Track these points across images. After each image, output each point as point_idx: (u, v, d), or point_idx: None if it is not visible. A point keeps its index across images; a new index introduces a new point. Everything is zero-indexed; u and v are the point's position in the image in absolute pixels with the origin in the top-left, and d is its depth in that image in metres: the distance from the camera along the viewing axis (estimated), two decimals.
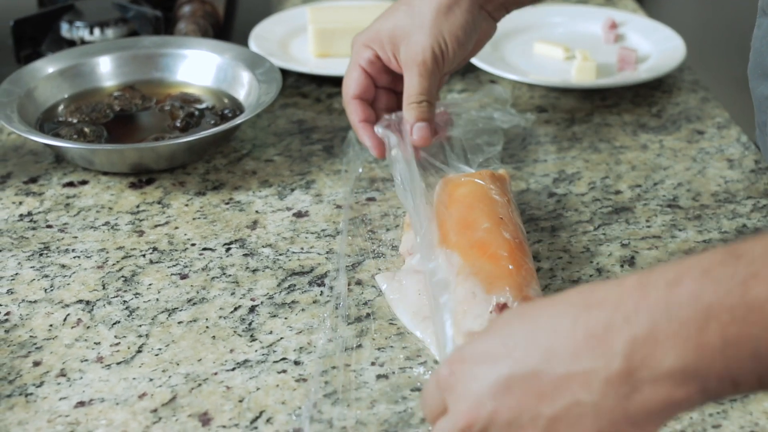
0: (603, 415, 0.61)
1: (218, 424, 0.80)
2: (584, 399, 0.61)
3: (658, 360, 0.60)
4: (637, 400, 0.60)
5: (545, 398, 0.62)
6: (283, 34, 1.41)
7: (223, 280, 0.96)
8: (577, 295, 0.64)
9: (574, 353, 0.61)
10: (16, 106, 1.15)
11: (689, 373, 0.59)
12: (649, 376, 0.60)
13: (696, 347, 0.59)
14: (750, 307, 0.59)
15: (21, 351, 0.88)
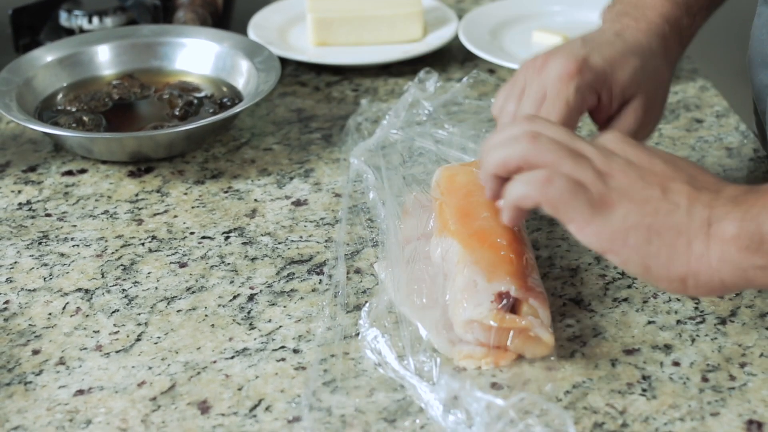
0: (680, 225, 0.74)
1: (217, 412, 0.80)
2: (682, 207, 0.74)
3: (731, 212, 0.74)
4: (705, 235, 0.73)
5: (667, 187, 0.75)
6: (281, 23, 1.41)
7: (222, 268, 0.96)
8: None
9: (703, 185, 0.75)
10: (15, 95, 1.15)
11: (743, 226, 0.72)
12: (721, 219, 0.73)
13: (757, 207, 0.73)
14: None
15: (20, 339, 0.88)
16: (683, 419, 0.78)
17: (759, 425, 0.77)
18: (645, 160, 0.77)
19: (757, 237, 0.72)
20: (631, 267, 0.75)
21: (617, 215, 0.74)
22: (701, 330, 0.87)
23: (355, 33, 1.35)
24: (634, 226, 0.74)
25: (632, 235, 0.74)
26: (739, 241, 0.72)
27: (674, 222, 0.74)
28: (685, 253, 0.74)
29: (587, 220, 0.75)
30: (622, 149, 0.78)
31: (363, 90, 1.27)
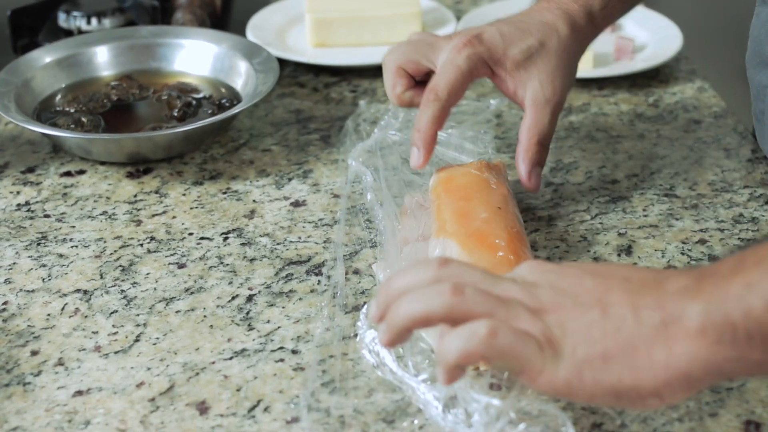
0: (634, 339, 0.66)
1: (216, 412, 0.80)
2: (628, 319, 0.67)
3: (690, 305, 0.66)
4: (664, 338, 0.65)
5: (605, 302, 0.68)
6: (280, 24, 1.41)
7: (221, 269, 0.96)
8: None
9: (642, 285, 0.68)
10: (14, 96, 1.15)
11: (709, 318, 0.64)
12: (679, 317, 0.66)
13: (721, 295, 0.65)
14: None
15: (19, 340, 0.88)
16: (681, 420, 0.78)
17: (757, 426, 0.77)
18: (571, 281, 0.70)
19: (728, 329, 0.64)
20: (600, 401, 0.68)
21: (565, 354, 0.67)
22: None
23: (353, 34, 1.36)
24: (586, 360, 0.67)
25: (587, 371, 0.67)
26: (707, 337, 0.65)
27: (625, 338, 0.66)
28: (648, 367, 0.66)
29: (538, 369, 0.67)
30: (545, 278, 0.71)
31: (361, 91, 1.27)
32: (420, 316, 0.69)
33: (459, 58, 0.97)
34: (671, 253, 0.96)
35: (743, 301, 0.64)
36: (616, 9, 1.06)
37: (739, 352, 0.64)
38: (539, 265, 0.72)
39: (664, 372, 0.66)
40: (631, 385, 0.66)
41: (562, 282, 0.70)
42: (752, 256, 0.66)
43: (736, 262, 0.66)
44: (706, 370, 0.65)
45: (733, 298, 0.64)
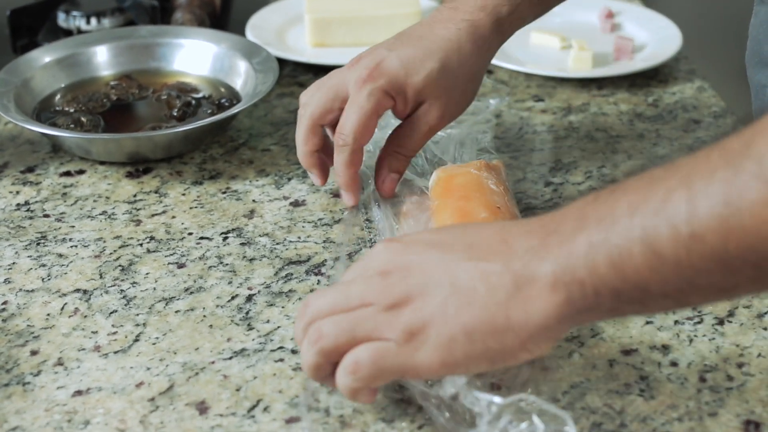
0: (488, 308, 0.69)
1: (215, 412, 0.80)
2: (479, 288, 0.70)
3: (539, 266, 0.68)
4: (518, 305, 0.69)
5: (456, 277, 0.70)
6: (279, 24, 1.41)
7: (220, 269, 0.96)
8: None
9: (486, 250, 0.71)
10: (13, 96, 1.15)
11: (558, 277, 0.68)
12: (530, 278, 0.68)
13: (567, 254, 0.68)
14: (613, 218, 0.66)
15: (18, 340, 0.88)
16: (681, 419, 0.78)
17: (756, 425, 0.78)
18: (418, 261, 0.73)
19: (576, 286, 0.68)
20: (476, 370, 0.72)
21: (429, 339, 0.70)
22: (699, 330, 0.87)
23: (353, 34, 1.36)
24: (450, 339, 0.70)
25: (455, 348, 0.70)
26: (558, 295, 0.68)
27: (480, 309, 0.70)
28: (509, 329, 0.69)
29: (411, 365, 0.71)
30: (394, 263, 0.74)
31: None
32: (311, 374, 0.76)
33: (361, 97, 0.96)
34: None
35: (588, 260, 0.67)
36: (525, 15, 1.03)
37: (590, 305, 0.68)
38: (387, 249, 0.75)
39: (525, 330, 0.69)
40: (499, 349, 0.70)
41: (410, 263, 0.73)
42: (594, 211, 0.68)
43: (578, 218, 0.69)
44: (560, 321, 0.69)
45: (578, 257, 0.67)
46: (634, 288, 0.67)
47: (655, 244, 0.65)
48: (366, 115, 0.96)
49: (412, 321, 0.71)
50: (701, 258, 0.64)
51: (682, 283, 0.66)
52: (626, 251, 0.66)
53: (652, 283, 0.66)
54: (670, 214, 0.64)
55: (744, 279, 0.65)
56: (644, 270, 0.65)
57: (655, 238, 0.65)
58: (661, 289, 0.66)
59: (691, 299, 0.71)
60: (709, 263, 0.64)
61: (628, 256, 0.66)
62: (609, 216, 0.67)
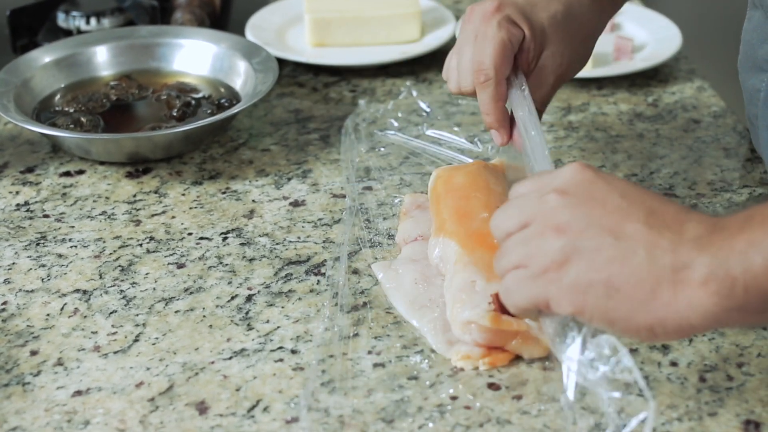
0: (633, 277, 0.69)
1: (215, 412, 0.80)
2: (640, 254, 0.69)
3: (698, 256, 0.68)
4: (669, 281, 0.68)
5: (623, 234, 0.70)
6: (279, 24, 1.41)
7: (220, 269, 0.96)
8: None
9: (663, 225, 0.70)
10: (13, 96, 1.15)
11: (712, 270, 0.68)
12: (687, 265, 0.68)
13: (726, 250, 0.68)
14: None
15: (18, 340, 0.88)
16: (681, 419, 0.78)
17: (756, 425, 0.77)
18: (599, 199, 0.72)
19: (728, 282, 0.67)
20: (596, 322, 0.72)
21: (571, 274, 0.71)
22: None
23: (352, 34, 1.36)
24: (590, 284, 0.70)
25: (590, 294, 0.70)
26: (708, 287, 0.68)
27: (632, 271, 0.70)
28: (648, 302, 0.69)
29: (545, 295, 0.72)
30: (576, 185, 0.73)
31: (361, 91, 1.27)
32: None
33: (491, 29, 0.94)
34: None
35: (745, 257, 0.67)
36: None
37: (736, 304, 0.68)
38: (578, 171, 0.74)
39: (663, 311, 0.69)
40: (626, 315, 0.70)
41: (589, 195, 0.72)
42: (760, 214, 0.69)
43: (744, 218, 0.69)
44: (704, 317, 0.68)
45: (736, 253, 0.68)
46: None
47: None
48: (501, 44, 0.94)
49: (560, 251, 0.71)
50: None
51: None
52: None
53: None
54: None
55: None
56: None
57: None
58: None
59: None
60: None
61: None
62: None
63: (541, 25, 0.96)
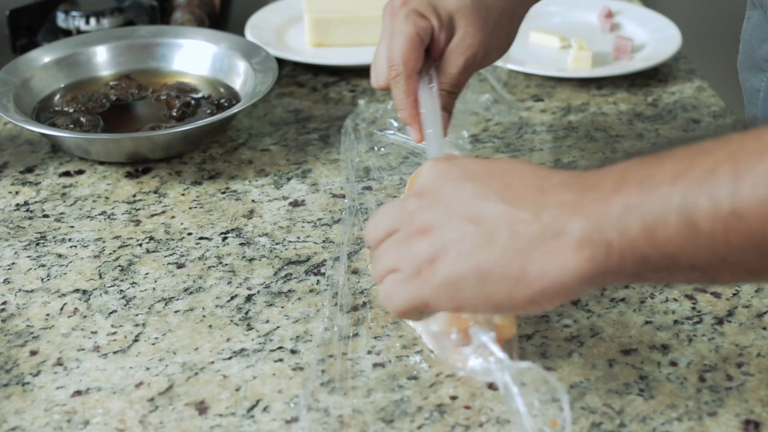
0: (507, 254, 0.68)
1: (215, 412, 0.80)
2: (502, 234, 0.68)
3: (569, 221, 0.67)
4: (539, 252, 0.67)
5: (480, 218, 0.70)
6: (279, 24, 1.41)
7: (220, 269, 0.96)
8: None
9: (520, 197, 0.69)
10: (12, 96, 1.15)
11: (586, 235, 0.66)
12: (557, 232, 0.67)
13: (600, 213, 0.66)
14: (654, 182, 0.65)
15: (18, 340, 0.88)
16: (681, 419, 0.78)
17: (756, 425, 0.77)
18: (452, 190, 0.72)
19: (603, 247, 0.66)
20: (480, 311, 0.73)
21: (441, 271, 0.70)
22: (698, 330, 0.87)
23: (352, 33, 1.35)
24: (461, 277, 0.69)
25: (464, 287, 0.70)
26: (582, 253, 0.66)
27: (499, 252, 0.68)
28: (522, 278, 0.68)
29: (421, 296, 0.71)
30: (429, 184, 0.74)
31: (360, 90, 1.27)
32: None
33: (398, 23, 0.96)
34: None
35: (620, 222, 0.65)
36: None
37: (611, 268, 0.66)
38: (430, 169, 0.75)
39: (538, 283, 0.68)
40: (507, 296, 0.69)
41: (442, 190, 0.72)
42: (635, 174, 0.67)
43: (618, 178, 0.67)
44: (580, 281, 0.67)
45: (610, 217, 0.66)
46: (662, 256, 0.65)
47: (693, 216, 0.63)
48: (408, 38, 0.94)
49: (426, 252, 0.71)
50: (738, 237, 0.63)
51: (713, 259, 0.64)
52: (661, 218, 0.64)
53: (683, 254, 0.65)
54: (713, 188, 0.63)
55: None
56: (677, 240, 0.64)
57: (694, 209, 0.63)
58: (690, 262, 0.65)
59: (719, 276, 0.68)
60: (746, 243, 0.63)
61: (663, 223, 0.64)
62: (650, 180, 0.65)
63: (449, 12, 0.96)
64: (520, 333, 0.86)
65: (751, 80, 1.06)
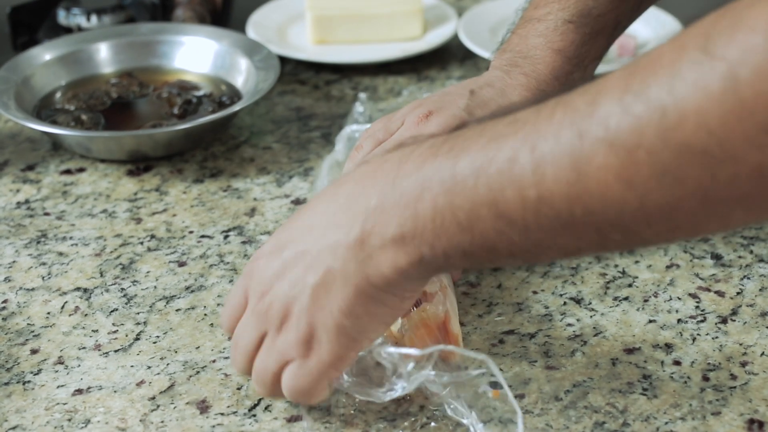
0: (349, 280, 0.69)
1: (216, 411, 0.80)
2: (333, 266, 0.70)
3: (384, 227, 0.68)
4: (372, 265, 0.68)
5: (309, 270, 0.71)
6: (281, 21, 1.41)
7: (221, 267, 0.96)
8: (335, 181, 0.74)
9: (327, 226, 0.71)
10: (13, 94, 1.15)
11: (407, 239, 0.67)
12: (378, 242, 0.68)
13: (412, 215, 0.66)
14: (456, 180, 0.65)
15: (18, 339, 0.88)
16: (684, 418, 0.78)
17: (760, 424, 0.77)
18: (276, 266, 0.73)
19: (426, 249, 0.67)
20: (382, 332, 0.73)
21: (322, 337, 0.72)
22: (702, 329, 0.87)
23: (354, 31, 1.35)
24: (337, 326, 0.71)
25: (346, 331, 0.71)
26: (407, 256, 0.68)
27: (343, 285, 0.70)
28: (379, 291, 0.70)
29: (322, 365, 0.73)
30: (261, 278, 0.74)
31: (362, 88, 1.27)
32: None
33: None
34: (673, 251, 0.95)
35: (435, 225, 0.66)
36: (591, 74, 0.97)
37: (440, 264, 0.68)
38: (254, 269, 0.75)
39: (390, 285, 0.69)
40: (384, 311, 0.71)
41: (273, 273, 0.73)
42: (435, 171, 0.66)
43: (421, 179, 0.67)
44: (416, 274, 0.69)
45: (424, 220, 0.66)
46: (482, 249, 0.66)
47: (503, 208, 0.63)
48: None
49: (300, 331, 0.72)
50: (549, 221, 0.63)
51: (529, 245, 0.65)
52: (474, 215, 0.64)
53: (500, 244, 0.65)
54: (516, 178, 0.62)
55: (588, 242, 0.64)
56: (492, 233, 0.64)
57: (503, 202, 0.63)
58: (509, 250, 0.65)
59: (539, 258, 0.71)
60: (556, 226, 0.63)
61: (476, 219, 0.64)
62: (451, 178, 0.65)
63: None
64: (522, 332, 0.86)
65: None
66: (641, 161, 0.58)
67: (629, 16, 0.96)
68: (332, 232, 0.70)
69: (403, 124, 0.92)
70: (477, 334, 0.86)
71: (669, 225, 0.61)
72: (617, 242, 0.64)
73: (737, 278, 0.92)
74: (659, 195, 0.59)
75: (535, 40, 0.95)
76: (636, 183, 0.59)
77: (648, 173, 0.58)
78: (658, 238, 0.64)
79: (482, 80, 0.94)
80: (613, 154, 0.59)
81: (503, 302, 0.90)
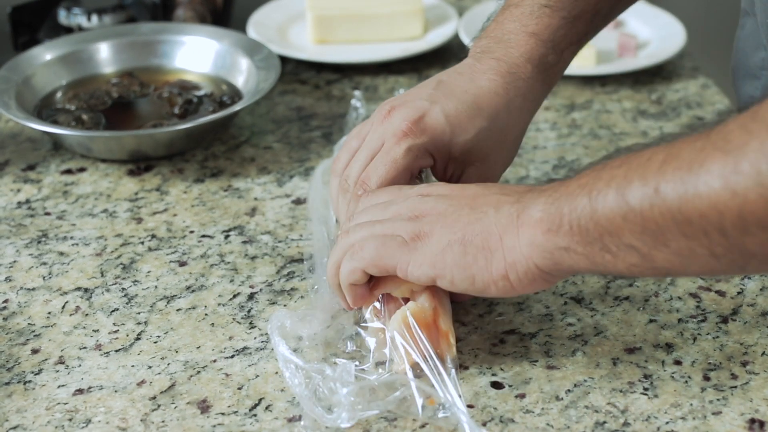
0: (490, 226, 0.77)
1: (217, 411, 0.80)
2: (489, 212, 0.78)
3: (536, 200, 0.76)
4: (515, 226, 0.76)
5: (474, 202, 0.80)
6: (281, 21, 1.41)
7: (222, 267, 0.96)
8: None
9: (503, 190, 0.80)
10: (14, 93, 1.15)
11: (545, 209, 0.75)
12: (527, 207, 0.76)
13: (557, 195, 0.75)
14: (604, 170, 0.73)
15: (19, 338, 0.88)
16: (685, 418, 0.78)
17: (761, 424, 0.77)
18: (457, 189, 0.82)
19: (557, 219, 0.74)
20: (459, 284, 0.78)
21: (432, 242, 0.78)
22: (703, 328, 0.87)
23: (355, 31, 1.35)
24: (448, 245, 0.78)
25: (448, 253, 0.78)
26: (542, 225, 0.75)
27: (483, 226, 0.77)
28: (499, 249, 0.77)
29: (405, 259, 0.79)
30: (437, 189, 0.83)
31: (363, 88, 1.27)
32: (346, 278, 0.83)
33: (398, 150, 0.87)
34: None
35: (572, 198, 0.73)
36: (568, 60, 0.96)
37: (564, 242, 0.74)
38: (432, 186, 0.84)
39: (511, 254, 0.76)
40: (484, 266, 0.77)
41: (449, 189, 0.82)
42: (595, 168, 0.74)
43: (582, 173, 0.75)
44: (542, 256, 0.75)
45: (566, 195, 0.74)
46: (602, 231, 0.72)
47: (625, 192, 0.70)
48: (398, 171, 0.87)
49: (424, 227, 0.79)
50: (661, 215, 0.68)
51: (645, 236, 0.70)
52: (603, 194, 0.71)
53: (619, 229, 0.71)
54: (644, 171, 0.69)
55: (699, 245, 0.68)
56: (612, 214, 0.71)
57: (627, 187, 0.70)
58: (627, 238, 0.70)
59: (656, 257, 0.71)
60: (668, 222, 0.68)
61: (603, 198, 0.71)
62: (601, 170, 0.73)
63: (464, 148, 0.89)
64: (523, 331, 0.86)
65: (745, 88, 1.06)
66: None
67: (611, 6, 0.96)
68: (507, 191, 0.80)
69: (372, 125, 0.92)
70: (478, 333, 0.86)
71: None
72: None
73: (738, 278, 0.92)
74: None
75: (511, 24, 0.95)
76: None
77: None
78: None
79: (452, 69, 0.94)
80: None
81: (504, 302, 0.90)
